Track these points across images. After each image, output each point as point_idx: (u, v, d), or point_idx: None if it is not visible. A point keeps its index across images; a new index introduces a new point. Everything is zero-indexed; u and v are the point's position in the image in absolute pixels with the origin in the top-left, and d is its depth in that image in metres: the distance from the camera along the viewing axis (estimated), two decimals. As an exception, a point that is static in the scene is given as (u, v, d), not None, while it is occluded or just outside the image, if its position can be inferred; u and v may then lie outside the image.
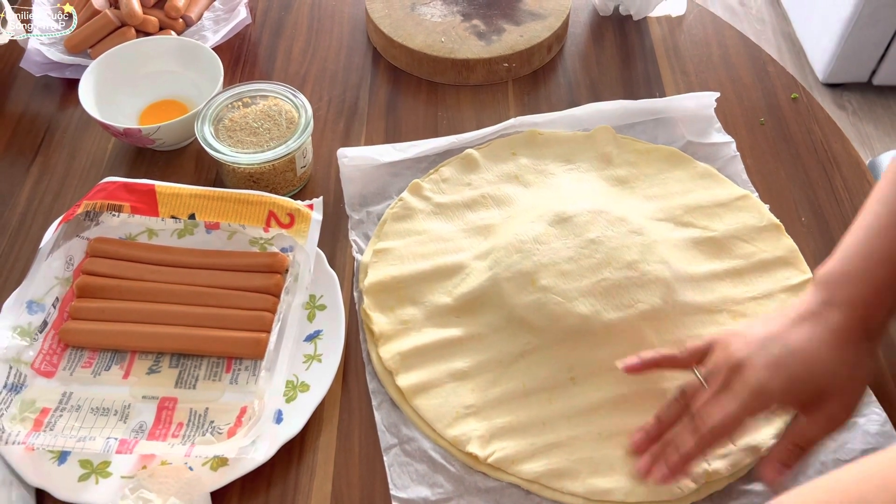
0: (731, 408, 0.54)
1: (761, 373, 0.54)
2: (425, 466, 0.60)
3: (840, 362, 0.55)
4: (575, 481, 0.59)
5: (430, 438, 0.62)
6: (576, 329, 0.64)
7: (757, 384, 0.54)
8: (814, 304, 0.57)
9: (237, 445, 0.57)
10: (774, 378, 0.54)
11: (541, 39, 0.90)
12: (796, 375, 0.54)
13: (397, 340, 0.66)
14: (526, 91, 0.90)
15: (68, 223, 0.68)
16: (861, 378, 0.56)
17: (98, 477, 0.58)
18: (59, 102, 0.88)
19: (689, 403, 0.58)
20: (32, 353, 0.64)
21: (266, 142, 0.74)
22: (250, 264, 0.69)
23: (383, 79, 0.91)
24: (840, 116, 2.02)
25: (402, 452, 0.61)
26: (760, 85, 0.90)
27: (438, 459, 0.61)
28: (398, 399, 0.64)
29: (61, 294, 0.67)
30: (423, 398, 0.63)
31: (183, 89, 0.85)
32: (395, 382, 0.64)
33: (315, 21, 0.98)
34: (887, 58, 1.96)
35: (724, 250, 0.72)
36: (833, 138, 0.84)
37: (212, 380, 0.64)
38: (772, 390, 0.54)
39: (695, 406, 0.57)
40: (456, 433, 0.61)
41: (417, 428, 0.62)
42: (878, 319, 0.57)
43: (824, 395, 0.55)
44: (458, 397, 0.63)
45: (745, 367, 0.55)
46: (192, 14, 0.93)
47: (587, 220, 0.70)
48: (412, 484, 0.59)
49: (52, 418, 0.61)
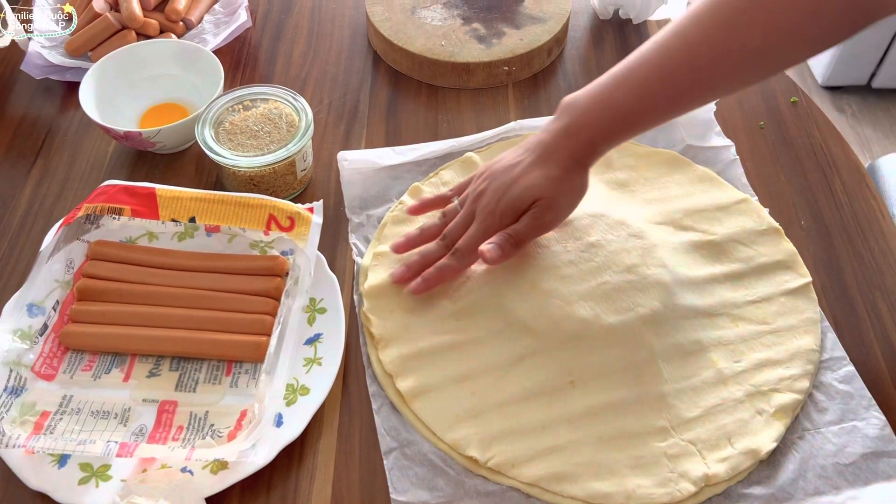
0: (471, 231, 0.66)
1: (490, 199, 0.65)
2: (425, 470, 0.60)
3: (549, 179, 0.64)
4: (575, 485, 0.59)
5: (430, 442, 0.62)
6: (576, 333, 0.64)
7: (486, 209, 0.65)
8: (554, 141, 0.65)
9: (237, 449, 0.57)
10: (500, 201, 0.65)
11: (541, 43, 0.90)
12: (516, 196, 0.64)
13: (397, 344, 0.66)
14: (526, 94, 0.90)
15: (69, 226, 0.68)
16: (567, 193, 0.65)
17: (98, 480, 0.58)
18: (59, 105, 0.89)
19: (448, 224, 0.69)
20: (33, 356, 0.64)
21: (266, 145, 0.75)
22: (250, 267, 0.69)
23: (383, 82, 0.91)
24: (839, 119, 2.02)
25: (402, 456, 0.61)
26: (760, 89, 0.90)
27: (438, 463, 0.61)
28: (398, 402, 0.64)
29: (62, 297, 0.67)
30: (423, 402, 0.63)
31: (183, 92, 0.85)
32: (395, 386, 0.64)
33: (315, 24, 0.98)
34: (886, 61, 1.96)
35: (724, 254, 0.72)
36: (832, 142, 0.85)
37: (212, 383, 0.64)
38: (496, 212, 0.65)
39: (447, 228, 0.68)
40: (456, 437, 0.61)
41: (417, 431, 0.62)
42: (593, 147, 0.64)
43: (535, 205, 0.64)
44: (458, 401, 0.63)
45: (482, 195, 0.66)
46: (193, 17, 0.94)
47: (587, 224, 0.70)
48: (412, 487, 0.59)
49: (53, 421, 0.61)
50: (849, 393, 0.64)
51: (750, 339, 0.67)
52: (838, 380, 0.65)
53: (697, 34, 0.59)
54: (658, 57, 0.60)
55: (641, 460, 0.60)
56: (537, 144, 0.66)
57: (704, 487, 0.59)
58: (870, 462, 0.60)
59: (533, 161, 0.65)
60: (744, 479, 0.60)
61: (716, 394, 0.64)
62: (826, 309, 0.70)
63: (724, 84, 0.62)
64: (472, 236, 0.65)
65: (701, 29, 0.58)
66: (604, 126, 0.63)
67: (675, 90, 0.62)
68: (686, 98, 0.63)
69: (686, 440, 0.61)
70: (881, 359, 0.67)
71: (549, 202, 0.64)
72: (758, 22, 0.57)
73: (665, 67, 0.60)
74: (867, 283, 0.72)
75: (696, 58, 0.59)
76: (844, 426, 0.62)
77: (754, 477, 0.60)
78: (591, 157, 0.65)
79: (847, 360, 0.66)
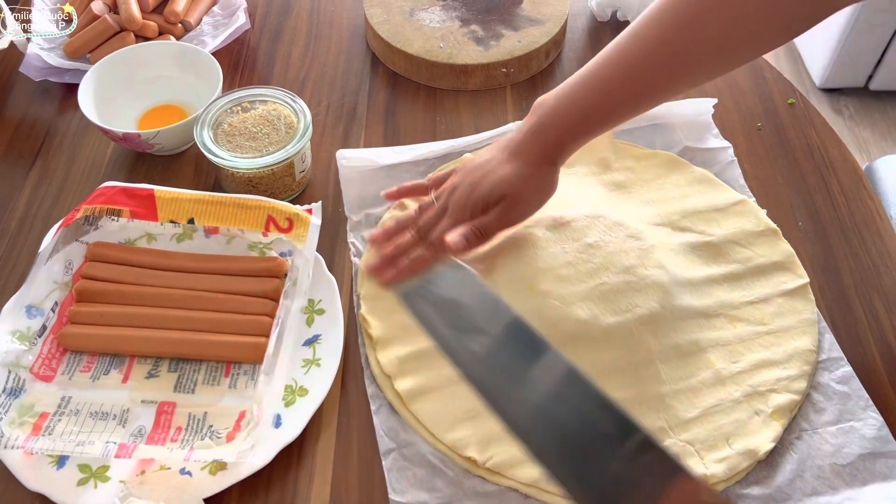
0: (443, 224, 0.66)
1: (462, 193, 0.66)
2: (424, 471, 0.60)
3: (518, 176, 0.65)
4: None
5: (429, 443, 0.62)
6: (574, 333, 0.64)
7: (458, 203, 0.66)
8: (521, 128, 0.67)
9: (236, 450, 0.57)
10: (470, 196, 0.66)
11: (539, 45, 0.90)
12: (486, 191, 0.65)
13: (395, 345, 0.66)
14: (524, 96, 0.90)
15: (67, 228, 0.69)
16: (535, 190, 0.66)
17: (97, 481, 0.58)
18: (58, 107, 0.89)
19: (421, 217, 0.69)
20: (31, 357, 0.64)
21: (265, 147, 0.75)
22: (249, 269, 0.69)
23: (382, 84, 0.91)
24: (837, 121, 2.02)
25: (400, 457, 0.61)
26: (757, 90, 0.90)
27: (437, 464, 0.61)
28: (397, 403, 0.64)
29: (60, 298, 0.67)
30: (421, 402, 0.63)
31: (182, 94, 0.86)
32: (394, 387, 0.64)
33: (314, 26, 0.98)
34: (884, 63, 1.96)
35: (722, 255, 0.72)
36: (830, 143, 0.85)
37: (211, 384, 0.65)
38: (467, 206, 0.66)
39: (421, 220, 0.68)
40: (454, 437, 0.61)
41: (416, 432, 0.62)
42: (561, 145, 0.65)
43: (503, 200, 0.65)
44: (457, 402, 0.63)
45: (456, 189, 0.67)
46: (192, 19, 0.94)
47: (585, 225, 0.70)
48: (411, 488, 0.59)
49: (51, 422, 0.61)
50: (846, 393, 0.64)
51: (748, 340, 0.67)
52: (836, 380, 0.65)
53: (656, 34, 0.60)
54: (618, 56, 0.62)
55: None
56: (509, 142, 0.67)
57: None
58: (867, 462, 0.60)
59: (504, 158, 0.66)
60: (742, 480, 0.60)
61: (714, 394, 0.64)
62: (823, 310, 0.70)
63: (683, 80, 0.63)
64: (443, 229, 0.66)
65: (659, 29, 0.60)
66: (571, 124, 0.64)
67: (637, 88, 0.63)
68: (648, 95, 0.64)
69: (684, 440, 0.61)
70: (878, 359, 0.67)
71: (516, 198, 0.65)
72: (715, 20, 0.58)
73: (626, 67, 0.62)
74: (864, 284, 0.72)
75: (655, 56, 0.61)
76: (842, 426, 0.63)
77: (752, 477, 0.60)
78: (560, 155, 0.66)
79: (844, 361, 0.66)
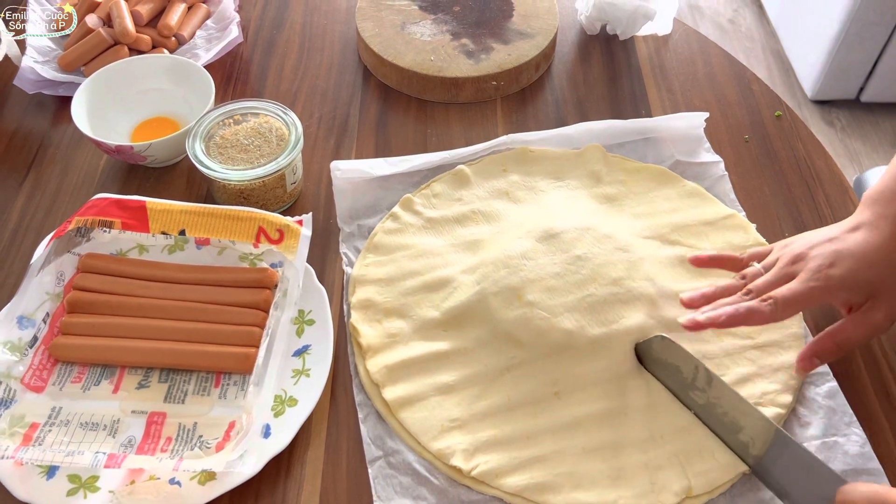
0: (794, 285, 0.60)
1: (824, 260, 0.61)
2: (409, 479, 0.61)
3: (893, 266, 0.60)
4: (558, 495, 0.59)
5: (415, 451, 0.62)
6: (561, 344, 0.65)
7: (819, 267, 0.61)
8: (865, 217, 0.63)
9: (225, 459, 0.58)
10: (836, 266, 0.60)
11: (529, 58, 0.91)
12: (855, 268, 0.60)
13: (384, 353, 0.67)
14: (514, 109, 0.91)
15: (60, 239, 0.69)
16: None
17: (86, 491, 0.58)
18: (51, 119, 0.89)
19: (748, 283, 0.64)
20: (22, 368, 0.64)
21: (256, 159, 0.75)
22: (240, 280, 0.70)
23: (373, 96, 0.92)
24: (829, 133, 2.04)
25: (386, 465, 0.62)
26: (745, 103, 0.91)
27: (423, 472, 0.61)
28: (384, 412, 0.64)
29: (52, 309, 0.68)
30: (408, 411, 0.64)
31: (175, 107, 0.86)
32: (382, 395, 0.65)
33: (306, 40, 0.99)
34: (875, 75, 1.98)
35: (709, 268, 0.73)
36: (816, 155, 0.86)
37: (201, 394, 0.65)
38: (832, 275, 0.60)
39: (758, 281, 0.62)
40: (440, 446, 0.62)
41: (402, 441, 0.63)
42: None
43: (874, 295, 0.61)
44: (444, 411, 0.64)
45: (808, 256, 0.62)
46: (185, 33, 0.95)
47: (574, 237, 0.71)
48: (396, 496, 0.60)
49: (42, 433, 0.61)
50: (832, 408, 0.65)
51: (734, 354, 0.68)
52: (822, 395, 0.66)
53: None
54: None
55: (623, 471, 0.61)
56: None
57: (685, 499, 0.59)
58: (849, 478, 0.60)
59: (847, 229, 0.63)
60: (725, 492, 0.61)
61: None
62: (809, 319, 0.71)
63: None
64: (792, 290, 0.61)
65: None
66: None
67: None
68: None
69: (668, 452, 0.62)
70: (863, 368, 0.68)
71: (891, 300, 0.61)
72: None
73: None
74: (850, 295, 0.73)
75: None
76: (826, 441, 0.63)
77: (736, 490, 0.61)
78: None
79: (830, 376, 0.67)
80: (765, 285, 0.62)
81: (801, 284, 0.61)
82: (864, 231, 0.62)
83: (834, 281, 0.60)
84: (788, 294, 0.60)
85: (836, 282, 0.60)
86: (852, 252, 0.61)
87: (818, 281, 0.60)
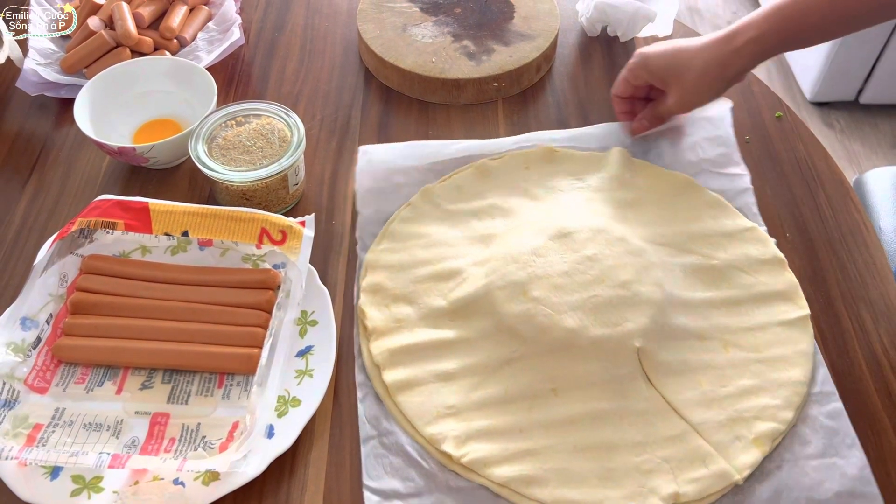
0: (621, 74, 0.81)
1: (657, 48, 0.77)
2: (400, 460, 0.62)
3: (702, 61, 0.73)
4: (544, 489, 0.60)
5: (409, 434, 0.63)
6: (561, 342, 0.65)
7: (639, 54, 0.78)
8: (738, 27, 0.73)
9: (229, 460, 0.58)
10: (654, 52, 0.77)
11: (529, 60, 0.91)
12: (660, 56, 0.76)
13: (389, 337, 0.68)
14: (515, 110, 0.91)
15: (63, 240, 0.69)
16: (711, 80, 0.74)
17: (90, 492, 0.59)
18: (54, 122, 0.89)
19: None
20: (26, 369, 0.64)
21: (259, 160, 0.76)
22: (242, 281, 0.70)
23: (375, 98, 0.92)
24: (828, 135, 2.04)
25: (379, 444, 0.62)
26: (745, 104, 0.91)
27: (414, 455, 0.62)
28: (382, 394, 0.65)
29: (55, 311, 0.68)
30: (406, 395, 0.64)
31: (177, 108, 0.86)
32: (382, 377, 0.65)
33: (308, 42, 1.00)
34: (873, 77, 1.98)
35: (723, 279, 0.72)
36: (817, 156, 0.86)
37: (204, 395, 0.65)
38: (643, 54, 0.77)
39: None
40: (433, 431, 0.62)
41: (397, 423, 0.64)
42: (752, 53, 0.72)
43: (667, 83, 0.77)
44: (441, 397, 0.64)
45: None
46: (187, 35, 0.95)
47: (587, 238, 0.71)
48: (385, 475, 0.60)
49: (45, 434, 0.62)
50: (833, 429, 0.63)
51: (739, 366, 0.67)
52: (825, 415, 0.64)
53: None
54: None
55: (613, 472, 0.61)
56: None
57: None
58: (844, 500, 0.59)
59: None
60: (714, 502, 0.60)
61: (697, 415, 0.64)
62: (812, 320, 0.71)
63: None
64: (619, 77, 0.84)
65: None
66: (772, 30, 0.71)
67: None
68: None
69: (660, 457, 0.62)
70: (865, 370, 0.68)
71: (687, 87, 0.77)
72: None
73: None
74: (851, 295, 0.73)
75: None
76: (825, 461, 0.62)
77: (726, 500, 0.60)
78: (746, 59, 0.73)
79: (836, 396, 0.65)
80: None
81: (625, 70, 0.80)
82: (714, 36, 0.74)
83: (639, 59, 0.78)
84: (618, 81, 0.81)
85: (639, 60, 0.78)
86: (677, 47, 0.75)
87: (636, 58, 0.78)
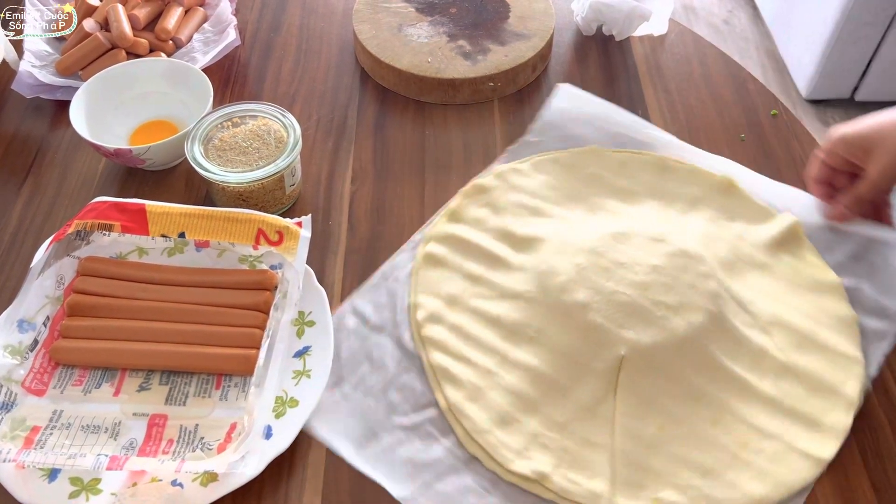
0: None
1: (843, 125, 0.72)
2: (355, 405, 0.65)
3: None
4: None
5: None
6: (562, 308, 0.68)
7: (834, 129, 0.73)
8: None
9: (227, 461, 0.58)
10: (849, 125, 0.72)
11: (525, 59, 0.91)
12: (867, 122, 0.71)
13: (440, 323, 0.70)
14: (511, 110, 0.91)
15: (59, 242, 0.69)
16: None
17: (88, 494, 0.59)
18: (50, 123, 0.89)
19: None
20: (23, 371, 0.64)
21: (255, 161, 0.76)
22: (240, 282, 0.70)
23: (371, 98, 0.92)
24: (824, 132, 2.04)
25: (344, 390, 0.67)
26: (741, 102, 0.92)
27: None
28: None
29: (52, 313, 0.68)
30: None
31: (173, 110, 0.86)
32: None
33: (304, 42, 1.00)
34: (869, 74, 1.99)
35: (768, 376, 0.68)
36: (812, 154, 0.86)
37: (202, 396, 0.65)
38: (838, 129, 0.72)
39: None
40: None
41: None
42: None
43: (868, 151, 0.70)
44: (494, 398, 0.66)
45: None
46: (182, 36, 0.95)
47: (671, 252, 0.70)
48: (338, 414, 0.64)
49: (43, 436, 0.62)
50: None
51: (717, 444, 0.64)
52: None
53: None
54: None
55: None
56: None
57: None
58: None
59: None
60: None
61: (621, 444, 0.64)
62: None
63: None
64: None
65: None
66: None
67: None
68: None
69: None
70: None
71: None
72: None
73: None
74: (847, 292, 0.73)
75: None
76: None
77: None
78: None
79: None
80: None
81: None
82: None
83: (835, 134, 0.72)
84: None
85: (835, 135, 0.72)
86: (879, 115, 0.70)
87: (831, 133, 0.72)
